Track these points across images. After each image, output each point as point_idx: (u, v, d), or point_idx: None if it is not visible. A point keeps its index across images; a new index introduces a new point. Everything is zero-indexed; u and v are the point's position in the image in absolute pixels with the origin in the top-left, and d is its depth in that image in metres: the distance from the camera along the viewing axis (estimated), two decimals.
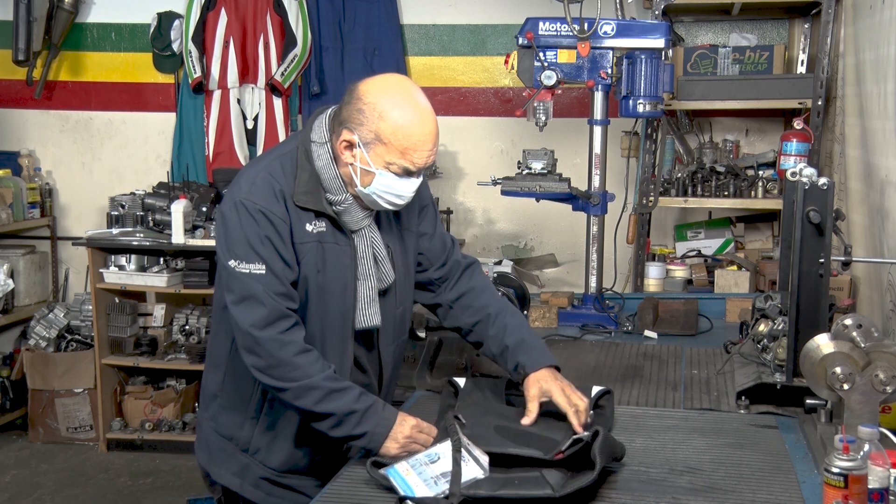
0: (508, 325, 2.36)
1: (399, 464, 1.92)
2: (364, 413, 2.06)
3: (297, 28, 5.18)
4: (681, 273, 4.46)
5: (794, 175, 2.36)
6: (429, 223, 2.42)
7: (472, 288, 2.42)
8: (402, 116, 2.07)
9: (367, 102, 2.08)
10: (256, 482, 2.29)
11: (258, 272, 2.07)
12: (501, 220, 5.37)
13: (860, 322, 2.11)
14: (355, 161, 2.11)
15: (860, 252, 3.46)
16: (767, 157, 4.67)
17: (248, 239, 2.08)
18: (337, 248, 2.18)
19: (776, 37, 4.93)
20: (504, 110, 5.26)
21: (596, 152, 3.51)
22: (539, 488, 1.84)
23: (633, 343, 3.15)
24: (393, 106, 2.07)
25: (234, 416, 2.28)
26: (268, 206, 2.09)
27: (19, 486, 4.78)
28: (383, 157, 2.09)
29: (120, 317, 5.15)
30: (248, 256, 2.08)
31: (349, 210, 2.18)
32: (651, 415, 2.41)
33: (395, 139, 2.07)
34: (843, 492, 1.67)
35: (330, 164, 2.15)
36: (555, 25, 3.41)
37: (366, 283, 2.22)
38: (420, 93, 2.13)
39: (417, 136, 2.08)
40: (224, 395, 2.30)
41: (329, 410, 2.06)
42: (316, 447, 2.27)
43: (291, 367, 2.06)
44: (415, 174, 2.13)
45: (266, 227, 2.09)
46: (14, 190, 5.31)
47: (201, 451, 2.38)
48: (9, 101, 5.70)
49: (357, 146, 2.09)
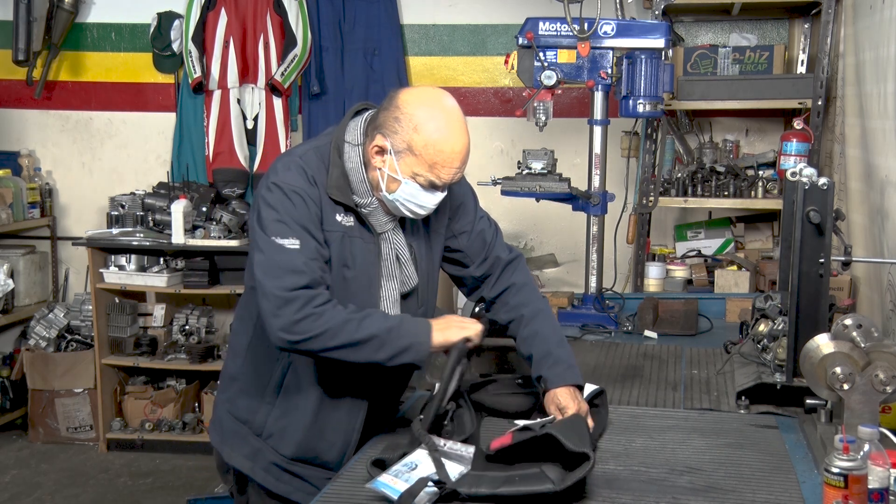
0: (539, 332, 2.35)
1: (382, 476, 1.92)
2: (400, 325, 2.11)
3: (297, 28, 5.18)
4: (681, 273, 4.46)
5: (794, 175, 2.36)
6: (467, 221, 2.43)
7: (512, 284, 2.43)
8: (437, 132, 2.10)
9: (405, 112, 2.11)
10: (267, 467, 2.31)
11: (292, 247, 2.09)
12: (501, 220, 5.27)
13: (860, 322, 2.11)
14: (384, 167, 2.14)
15: (860, 252, 3.46)
16: (767, 157, 4.67)
17: (282, 216, 2.10)
18: (364, 245, 2.22)
19: (776, 37, 4.93)
20: (504, 110, 5.26)
21: (596, 152, 3.51)
22: (540, 483, 1.84)
23: (633, 343, 3.16)
24: (429, 119, 2.11)
25: (251, 400, 2.31)
26: (302, 188, 2.13)
27: (19, 486, 4.78)
28: (412, 168, 2.13)
29: (120, 317, 5.15)
30: (283, 231, 2.10)
31: (374, 213, 2.22)
32: (651, 415, 2.41)
33: (426, 152, 2.11)
34: (843, 492, 1.67)
35: (359, 167, 2.19)
36: (555, 25, 3.41)
37: (389, 284, 2.26)
38: (458, 110, 2.16)
39: (448, 153, 2.12)
40: (243, 379, 2.33)
41: (370, 333, 2.07)
42: (327, 438, 2.29)
43: (317, 316, 2.06)
44: (440, 188, 2.17)
45: (301, 207, 2.11)
46: (14, 190, 5.31)
47: (214, 432, 2.41)
48: (9, 101, 5.70)
49: (388, 153, 2.13)
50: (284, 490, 2.31)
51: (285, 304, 2.06)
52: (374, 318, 2.11)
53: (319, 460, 2.30)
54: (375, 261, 2.23)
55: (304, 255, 2.09)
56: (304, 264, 2.08)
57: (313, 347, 2.09)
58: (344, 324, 2.07)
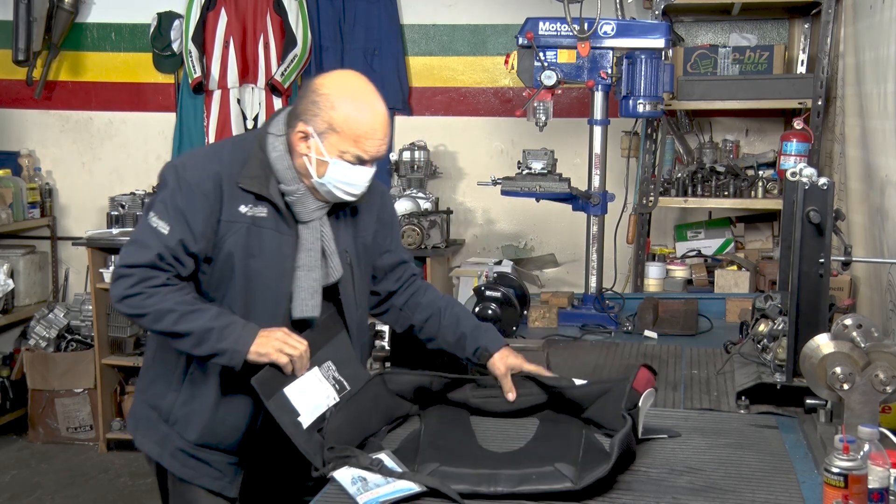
0: (459, 315, 2.51)
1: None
2: (223, 330, 2.14)
3: (297, 28, 5.18)
4: (681, 273, 4.46)
5: (794, 175, 2.36)
6: (393, 241, 2.55)
7: (418, 289, 2.57)
8: (354, 106, 2.18)
9: (321, 94, 2.19)
10: (174, 452, 2.35)
11: (160, 229, 2.17)
12: (501, 220, 5.37)
13: (860, 322, 2.11)
14: (310, 152, 2.20)
15: (860, 252, 3.46)
16: (767, 157, 4.67)
17: (165, 198, 2.19)
18: (277, 236, 2.25)
19: (776, 37, 4.93)
20: (504, 110, 5.26)
21: (596, 152, 3.51)
22: (559, 482, 1.85)
23: (633, 343, 3.16)
24: (344, 95, 2.18)
25: (160, 386, 2.36)
26: (196, 178, 2.19)
27: (19, 486, 4.78)
28: (337, 147, 2.19)
29: (120, 317, 5.15)
30: (160, 212, 2.18)
31: (302, 200, 2.25)
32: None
33: (348, 127, 2.17)
34: (843, 492, 1.67)
35: (284, 156, 2.24)
36: (555, 25, 3.41)
37: (309, 275, 2.28)
38: (371, 86, 2.24)
39: (369, 124, 2.18)
40: (154, 367, 2.39)
41: (186, 330, 2.14)
42: (230, 423, 2.32)
43: (146, 296, 2.15)
44: (367, 162, 2.22)
45: (187, 196, 2.18)
46: (14, 190, 5.31)
47: (130, 420, 2.47)
48: (9, 101, 5.70)
49: (312, 137, 2.19)
50: (190, 475, 2.35)
51: (120, 277, 2.17)
52: (203, 314, 2.15)
53: (223, 445, 2.34)
54: (290, 252, 2.26)
55: (167, 240, 2.16)
56: (158, 246, 2.15)
57: (142, 324, 2.22)
58: (167, 312, 2.14)
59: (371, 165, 2.24)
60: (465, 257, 5.21)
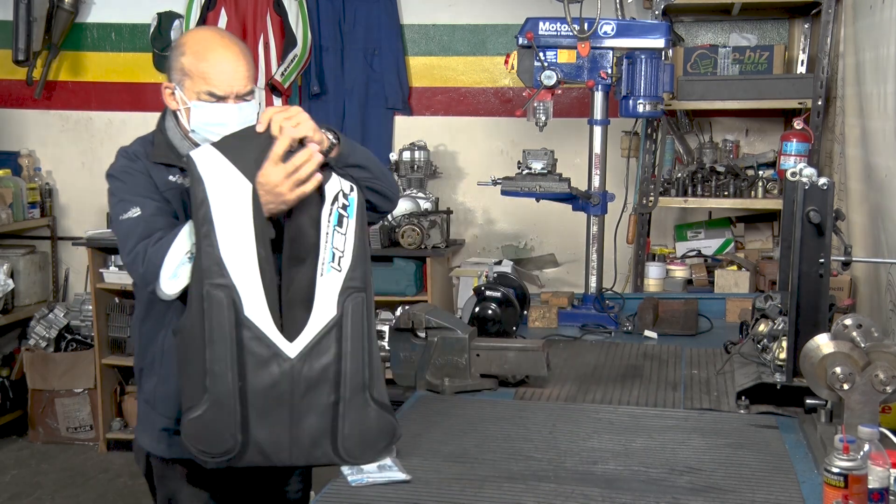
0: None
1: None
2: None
3: (297, 28, 5.18)
4: (681, 273, 4.46)
5: (794, 175, 2.36)
6: None
7: None
8: (200, 46, 2.27)
9: (174, 47, 2.31)
10: (159, 436, 2.39)
11: (135, 215, 2.23)
12: (501, 220, 5.37)
13: (860, 322, 2.11)
14: (179, 105, 2.29)
15: (860, 252, 3.46)
16: (767, 157, 4.67)
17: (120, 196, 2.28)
18: None
19: (776, 37, 4.93)
20: (504, 110, 5.26)
21: (596, 152, 3.51)
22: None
23: (633, 343, 3.16)
24: (192, 42, 2.29)
25: (145, 377, 2.41)
26: (126, 165, 2.32)
27: (19, 486, 4.78)
28: (193, 90, 2.26)
29: (120, 317, 5.15)
30: (125, 208, 2.25)
31: None
32: (651, 415, 2.41)
33: (196, 67, 2.25)
34: (843, 492, 1.67)
35: (175, 125, 2.34)
36: (555, 25, 3.41)
37: None
38: (224, 31, 2.35)
39: (214, 59, 2.24)
40: (140, 363, 2.44)
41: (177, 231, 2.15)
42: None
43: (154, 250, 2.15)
44: (226, 99, 2.25)
45: (131, 180, 2.28)
46: (14, 190, 5.31)
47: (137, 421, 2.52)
48: (9, 101, 5.70)
49: (175, 89, 2.29)
50: (176, 452, 2.34)
51: (132, 262, 2.20)
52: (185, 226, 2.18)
53: None
54: None
55: (145, 215, 2.22)
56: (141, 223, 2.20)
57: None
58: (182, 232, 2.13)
59: (235, 101, 2.26)
60: (465, 257, 5.21)
